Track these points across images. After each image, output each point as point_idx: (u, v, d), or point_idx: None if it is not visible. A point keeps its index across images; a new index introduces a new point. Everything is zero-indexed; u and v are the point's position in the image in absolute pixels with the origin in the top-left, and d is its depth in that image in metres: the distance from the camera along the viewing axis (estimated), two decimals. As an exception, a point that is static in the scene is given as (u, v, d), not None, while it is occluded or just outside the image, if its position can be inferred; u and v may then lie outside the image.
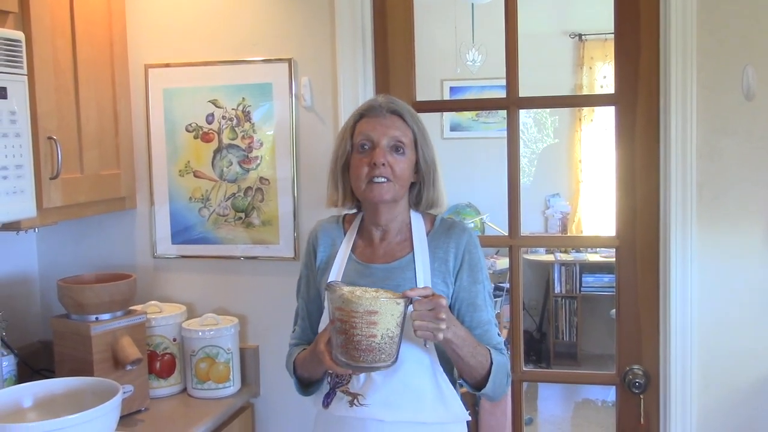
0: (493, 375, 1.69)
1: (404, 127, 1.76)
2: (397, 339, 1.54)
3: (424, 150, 1.78)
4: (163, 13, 2.50)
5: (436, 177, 1.80)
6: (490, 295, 1.79)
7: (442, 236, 1.78)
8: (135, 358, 2.12)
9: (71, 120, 2.19)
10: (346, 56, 2.34)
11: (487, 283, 1.79)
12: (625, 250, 2.25)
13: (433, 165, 1.80)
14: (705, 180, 2.14)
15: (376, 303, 1.49)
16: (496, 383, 1.71)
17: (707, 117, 2.13)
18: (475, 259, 1.77)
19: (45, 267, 2.65)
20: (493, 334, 1.76)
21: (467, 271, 1.76)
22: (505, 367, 1.74)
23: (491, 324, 1.77)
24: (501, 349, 1.76)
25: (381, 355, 1.52)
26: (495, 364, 1.69)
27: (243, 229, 2.48)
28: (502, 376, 1.74)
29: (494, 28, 2.65)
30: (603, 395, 5.59)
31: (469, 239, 1.79)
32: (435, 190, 1.81)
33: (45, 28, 2.06)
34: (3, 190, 1.84)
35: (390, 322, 1.51)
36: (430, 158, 1.79)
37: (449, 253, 1.76)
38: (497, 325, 1.79)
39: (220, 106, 2.46)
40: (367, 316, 1.49)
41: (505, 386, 1.76)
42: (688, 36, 2.11)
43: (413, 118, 1.78)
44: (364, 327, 1.50)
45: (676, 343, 2.17)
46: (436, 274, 1.74)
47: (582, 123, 6.68)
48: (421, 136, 1.78)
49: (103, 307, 2.13)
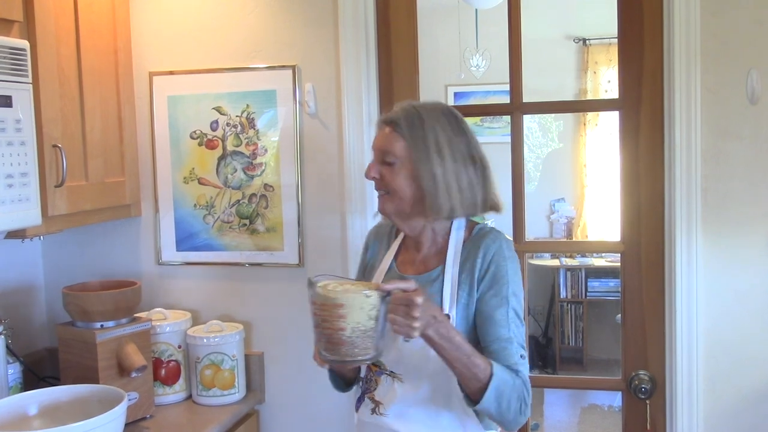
0: (494, 392, 1.54)
1: (395, 138, 1.67)
2: (373, 333, 1.50)
3: (421, 159, 1.64)
4: (168, 21, 2.50)
5: (451, 182, 1.65)
6: (516, 313, 1.65)
7: (473, 246, 1.69)
8: (140, 366, 2.12)
9: (76, 128, 2.20)
10: (350, 62, 2.34)
11: (515, 300, 1.65)
12: (631, 254, 2.25)
13: (443, 172, 1.64)
14: (710, 184, 2.13)
15: (343, 296, 1.49)
16: (502, 405, 1.56)
17: (711, 121, 2.12)
18: (502, 271, 1.65)
19: (50, 275, 2.65)
20: (511, 353, 1.61)
21: (489, 282, 1.65)
22: (515, 389, 1.58)
23: (511, 342, 1.62)
24: (519, 371, 1.60)
25: (353, 348, 1.51)
26: (496, 380, 1.54)
27: (248, 236, 2.48)
28: (510, 398, 1.57)
29: (498, 33, 2.65)
30: (609, 400, 5.57)
31: (498, 250, 1.66)
32: (454, 196, 1.65)
33: (50, 37, 2.07)
34: (8, 198, 1.85)
35: (360, 316, 1.49)
36: (427, 169, 1.64)
37: (476, 262, 1.67)
38: (523, 347, 1.64)
39: (224, 113, 2.47)
40: (335, 309, 1.49)
41: (516, 413, 1.58)
42: (692, 40, 2.10)
43: (411, 127, 1.66)
44: (334, 321, 1.49)
45: (682, 348, 2.16)
46: (462, 286, 1.67)
47: (586, 127, 6.67)
48: (418, 144, 1.65)
49: (108, 315, 2.13)
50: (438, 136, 1.65)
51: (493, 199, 1.74)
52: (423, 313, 1.47)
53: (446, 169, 1.64)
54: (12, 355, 2.20)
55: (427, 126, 1.65)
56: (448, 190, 1.64)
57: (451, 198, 1.65)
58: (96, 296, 2.13)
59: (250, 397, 2.41)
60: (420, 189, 1.65)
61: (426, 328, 1.49)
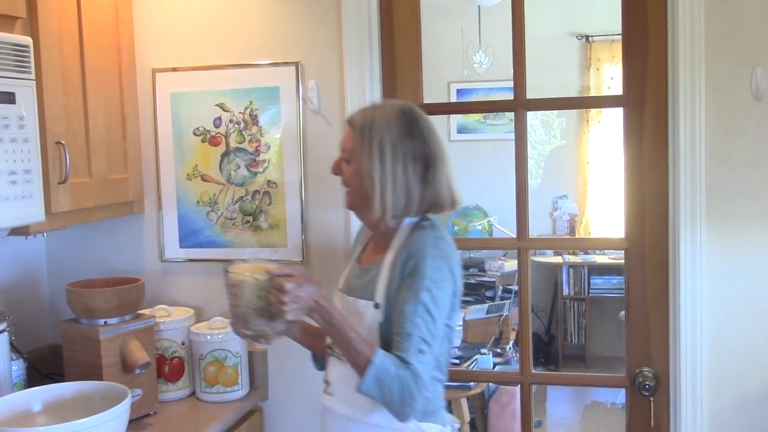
0: (373, 379, 1.62)
1: (351, 138, 1.80)
2: (264, 312, 1.68)
3: (365, 159, 1.75)
4: (171, 18, 2.50)
5: (386, 183, 1.74)
6: (427, 308, 1.68)
7: (406, 241, 1.78)
8: (143, 362, 2.12)
9: (79, 125, 2.20)
10: (353, 59, 2.34)
11: (427, 295, 1.68)
12: (634, 252, 2.24)
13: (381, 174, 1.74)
14: (714, 181, 2.13)
15: (238, 278, 1.70)
16: (384, 393, 1.63)
17: (716, 118, 2.12)
18: (420, 266, 1.70)
19: (54, 271, 2.65)
20: (407, 346, 1.65)
21: (408, 275, 1.72)
22: (399, 380, 1.63)
23: (410, 336, 1.66)
24: (411, 364, 1.64)
25: (250, 324, 1.71)
26: (375, 368, 1.62)
27: (251, 233, 2.48)
28: (392, 388, 1.63)
29: (501, 30, 2.65)
30: (612, 397, 5.57)
31: (423, 246, 1.73)
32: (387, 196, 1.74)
33: (53, 34, 2.07)
34: (12, 195, 1.85)
35: (251, 296, 1.68)
36: (368, 169, 1.75)
37: (403, 256, 1.75)
38: (427, 342, 1.67)
39: (227, 109, 2.47)
40: (233, 289, 1.71)
41: (399, 403, 1.64)
42: (696, 36, 2.10)
43: (362, 128, 1.77)
44: (233, 299, 1.71)
45: (686, 345, 2.16)
46: (393, 278, 1.76)
47: (589, 124, 6.66)
48: (365, 146, 1.76)
49: (112, 312, 2.13)
50: (383, 138, 1.75)
51: (439, 197, 1.80)
52: (296, 298, 1.62)
53: (384, 171, 1.74)
54: (15, 352, 2.20)
55: (374, 128, 1.76)
56: (383, 191, 1.74)
57: (384, 198, 1.75)
58: (99, 293, 2.13)
59: (253, 394, 2.41)
60: (364, 186, 1.78)
61: (309, 312, 1.66)
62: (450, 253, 1.77)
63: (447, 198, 1.81)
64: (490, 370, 4.24)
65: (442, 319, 1.72)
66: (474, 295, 6.20)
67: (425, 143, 1.78)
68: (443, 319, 1.73)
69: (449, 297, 1.74)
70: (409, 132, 1.77)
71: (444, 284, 1.72)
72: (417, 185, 1.77)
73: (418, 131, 1.78)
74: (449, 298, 1.74)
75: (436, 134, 1.81)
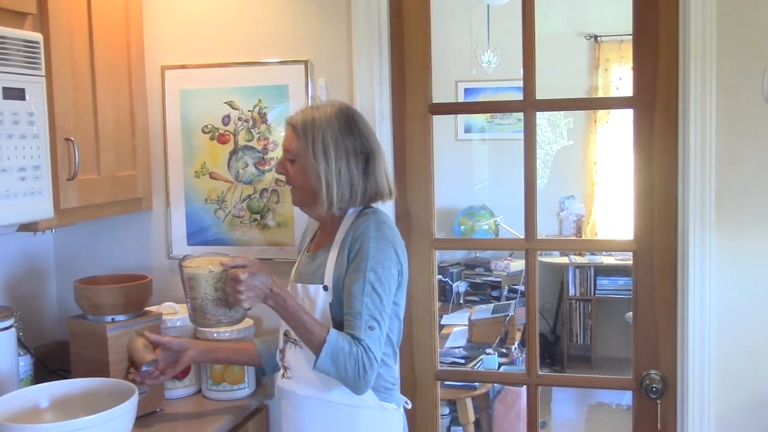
0: (328, 357, 1.75)
1: (293, 139, 1.90)
2: (220, 302, 1.83)
3: (309, 157, 1.86)
4: (180, 15, 2.50)
5: (331, 179, 1.85)
6: (373, 287, 1.81)
7: (351, 227, 1.90)
8: (150, 359, 2.12)
9: (88, 121, 2.20)
10: (363, 58, 2.33)
11: (373, 275, 1.81)
12: (643, 253, 2.24)
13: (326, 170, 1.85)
14: (724, 184, 2.12)
15: (193, 271, 1.83)
16: (339, 369, 1.76)
17: (726, 120, 2.11)
18: (364, 248, 1.83)
19: (61, 267, 2.66)
20: (357, 324, 1.79)
21: (355, 259, 1.85)
22: (352, 356, 1.76)
23: (360, 315, 1.79)
24: (361, 340, 1.77)
25: (207, 314, 1.85)
26: (329, 346, 1.75)
27: (258, 231, 2.48)
28: (346, 364, 1.76)
29: (510, 30, 2.64)
30: (617, 399, 5.56)
31: (365, 229, 1.86)
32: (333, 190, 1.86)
33: (63, 30, 2.07)
34: (21, 191, 1.85)
35: (206, 288, 1.82)
36: (313, 166, 1.86)
37: (348, 241, 1.87)
38: (376, 320, 1.80)
39: (236, 107, 2.47)
40: (189, 282, 1.85)
41: (354, 378, 1.77)
42: (708, 38, 2.09)
43: (304, 129, 1.88)
44: (189, 291, 1.85)
45: (694, 347, 2.15)
46: (339, 262, 1.89)
47: (597, 125, 6.64)
48: (308, 145, 1.86)
49: (120, 308, 2.13)
50: (325, 136, 1.87)
51: (379, 189, 1.93)
52: (251, 287, 1.76)
53: (329, 167, 1.86)
54: (23, 348, 2.20)
55: (316, 128, 1.87)
56: (328, 186, 1.86)
57: (330, 193, 1.86)
58: (107, 290, 2.13)
59: (259, 392, 2.41)
60: (311, 183, 1.88)
61: (264, 299, 1.79)
62: (392, 236, 1.90)
63: (386, 188, 1.95)
64: (496, 370, 4.24)
65: (388, 298, 1.84)
66: (480, 295, 6.20)
67: (364, 139, 1.91)
68: (390, 297, 1.85)
69: (395, 276, 1.87)
70: (349, 129, 1.89)
71: (388, 264, 1.84)
72: (359, 178, 1.90)
73: (356, 128, 1.91)
74: (395, 277, 1.87)
75: (372, 130, 1.96)
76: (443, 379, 2.62)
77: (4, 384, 2.01)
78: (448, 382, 3.97)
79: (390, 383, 1.95)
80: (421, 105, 2.37)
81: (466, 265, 6.50)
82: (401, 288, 1.92)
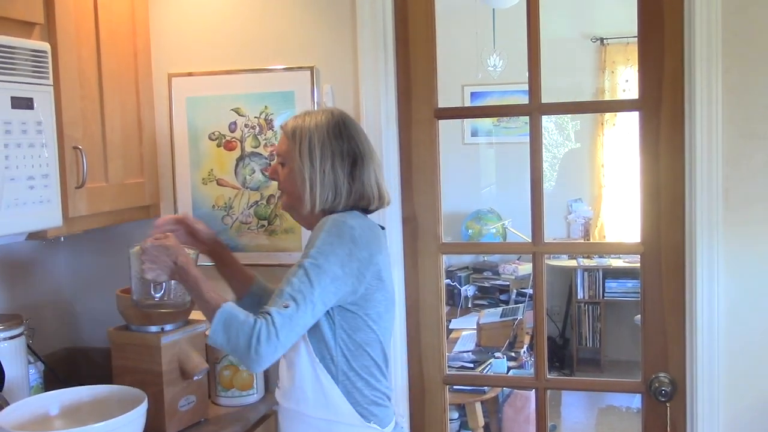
0: (221, 324, 1.68)
1: (284, 142, 1.92)
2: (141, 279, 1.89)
3: (296, 160, 1.86)
4: (186, 23, 2.51)
5: (314, 179, 1.84)
6: (306, 270, 1.72)
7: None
8: (203, 368, 2.12)
9: (96, 129, 2.21)
10: (368, 63, 2.34)
11: (310, 261, 1.73)
12: (651, 256, 2.23)
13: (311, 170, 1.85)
14: (731, 185, 2.11)
15: (130, 252, 1.93)
16: (231, 338, 1.67)
17: (733, 121, 2.11)
18: (313, 239, 1.79)
19: (70, 275, 2.67)
20: (273, 301, 1.71)
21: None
22: (247, 325, 1.66)
23: (281, 293, 1.71)
24: (270, 312, 1.67)
25: (144, 293, 1.93)
26: (222, 312, 1.69)
27: (265, 237, 2.49)
28: (239, 332, 1.66)
29: (515, 33, 2.64)
30: (627, 402, 5.54)
31: (321, 225, 1.81)
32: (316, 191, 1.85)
33: (70, 39, 2.08)
34: (30, 200, 1.86)
35: (136, 266, 1.89)
36: (299, 167, 1.86)
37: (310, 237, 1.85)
38: (294, 299, 1.69)
39: (242, 114, 2.47)
40: (129, 263, 1.95)
41: (245, 347, 1.65)
42: (713, 39, 2.08)
43: (293, 132, 1.89)
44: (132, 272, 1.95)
45: (703, 350, 2.15)
46: None
47: (604, 127, 6.63)
48: (297, 148, 1.87)
49: (170, 317, 2.11)
50: (312, 138, 1.86)
51: (365, 192, 1.89)
52: (152, 257, 1.82)
53: (314, 167, 1.85)
54: (33, 355, 2.21)
55: (304, 130, 1.88)
56: (312, 186, 1.85)
57: (313, 193, 1.85)
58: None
59: (268, 398, 2.41)
60: (297, 185, 1.88)
61: (169, 273, 1.82)
62: (350, 234, 1.79)
63: (373, 193, 1.90)
64: (505, 374, 4.23)
65: (323, 290, 1.73)
66: (488, 299, 6.20)
67: (352, 141, 1.89)
68: (327, 292, 1.74)
69: (339, 276, 1.75)
70: (337, 132, 1.88)
71: (332, 258, 1.75)
72: (344, 181, 1.87)
73: (345, 130, 1.89)
74: (339, 277, 1.75)
75: (364, 134, 1.94)
76: (452, 384, 2.62)
77: (14, 391, 2.02)
78: (457, 387, 3.96)
79: (370, 400, 1.85)
80: (427, 110, 2.37)
81: (474, 269, 6.49)
82: (371, 300, 1.84)
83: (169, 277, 1.83)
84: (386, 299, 1.88)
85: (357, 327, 1.82)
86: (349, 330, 1.82)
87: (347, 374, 1.82)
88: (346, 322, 1.81)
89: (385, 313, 1.88)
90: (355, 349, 1.82)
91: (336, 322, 1.81)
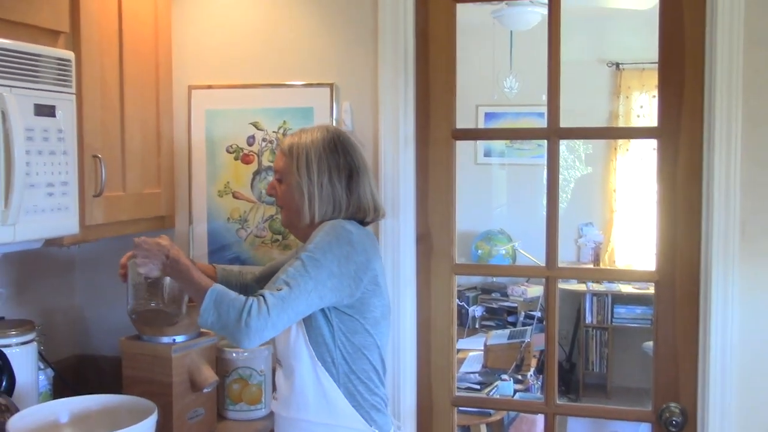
0: (211, 301, 1.73)
1: (282, 159, 1.97)
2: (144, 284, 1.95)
3: (294, 174, 1.92)
4: (208, 37, 2.53)
5: (313, 192, 1.91)
6: (303, 262, 1.78)
7: None
8: (213, 381, 2.12)
9: (116, 138, 2.23)
10: (388, 82, 2.35)
11: (307, 254, 1.79)
12: (665, 284, 2.22)
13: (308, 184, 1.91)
14: (748, 215, 2.11)
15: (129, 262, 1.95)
16: (221, 313, 1.72)
17: (752, 151, 2.10)
18: (312, 238, 1.84)
19: (84, 282, 2.67)
20: (268, 286, 1.78)
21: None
22: (237, 301, 1.72)
23: (276, 279, 1.78)
24: (263, 293, 1.73)
25: (140, 296, 1.97)
26: (213, 291, 1.74)
27: (279, 252, 2.49)
28: (228, 308, 1.71)
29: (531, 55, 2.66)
30: (632, 429, 5.48)
31: (321, 227, 1.87)
32: (315, 205, 1.91)
33: (94, 48, 2.10)
34: (48, 207, 1.87)
35: (133, 271, 1.94)
36: (297, 182, 1.92)
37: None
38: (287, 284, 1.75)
39: (261, 128, 2.49)
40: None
41: (236, 321, 1.70)
42: (734, 69, 2.09)
43: (290, 148, 1.95)
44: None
45: (715, 381, 2.13)
46: None
47: (617, 152, 6.62)
48: (294, 162, 1.93)
49: (182, 329, 2.11)
50: (309, 153, 1.92)
51: (362, 204, 1.96)
52: (144, 251, 1.87)
53: (312, 182, 1.91)
54: (43, 361, 2.22)
55: (301, 146, 1.94)
56: (311, 200, 1.91)
57: (312, 206, 1.91)
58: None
59: (275, 412, 2.41)
60: (295, 200, 1.93)
61: (162, 267, 1.86)
62: (347, 237, 1.86)
63: (369, 205, 1.97)
64: (511, 397, 4.21)
65: (317, 280, 1.78)
66: (496, 320, 6.17)
67: (348, 155, 1.95)
68: (318, 281, 1.78)
69: (335, 273, 1.81)
70: (333, 146, 1.94)
71: (329, 255, 1.81)
72: (342, 193, 1.93)
73: (341, 146, 1.95)
74: (335, 274, 1.81)
75: (358, 148, 1.99)
76: (460, 406, 2.61)
77: (24, 398, 2.02)
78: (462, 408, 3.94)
79: (371, 404, 1.91)
80: (444, 130, 2.37)
81: (483, 289, 6.47)
82: (368, 305, 1.89)
83: (162, 271, 1.87)
84: (383, 305, 1.95)
85: (355, 330, 1.88)
86: (347, 332, 1.88)
87: (348, 376, 1.88)
88: (344, 325, 1.87)
89: (381, 320, 1.95)
90: (354, 352, 1.88)
91: (334, 325, 1.86)
